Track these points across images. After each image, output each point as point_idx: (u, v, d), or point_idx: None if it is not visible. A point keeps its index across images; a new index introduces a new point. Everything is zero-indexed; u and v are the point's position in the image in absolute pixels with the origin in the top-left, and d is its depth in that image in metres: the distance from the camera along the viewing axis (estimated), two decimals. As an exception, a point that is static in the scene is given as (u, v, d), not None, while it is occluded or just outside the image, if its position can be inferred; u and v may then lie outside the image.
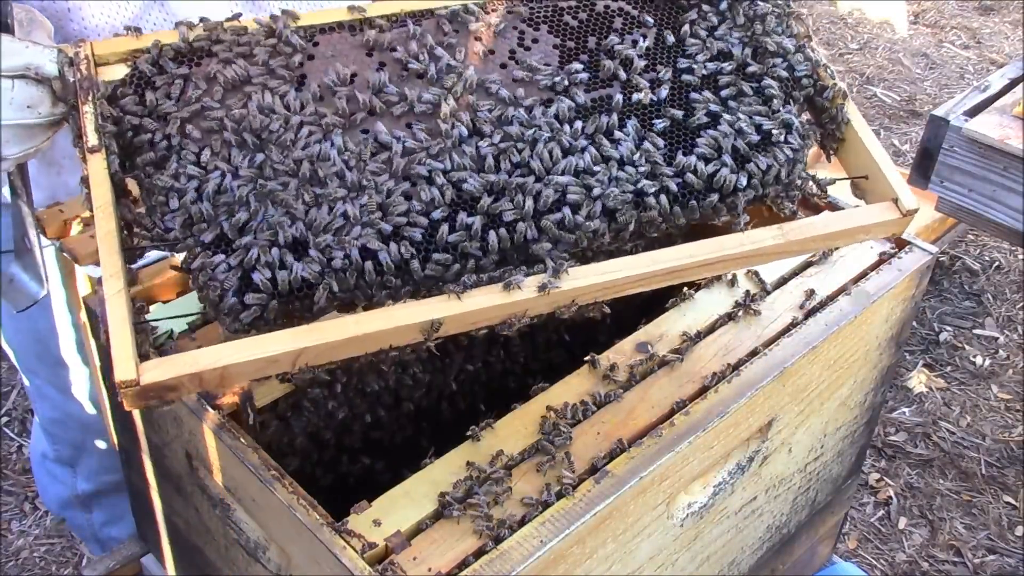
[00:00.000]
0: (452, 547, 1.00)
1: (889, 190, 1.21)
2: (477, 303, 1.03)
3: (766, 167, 1.16)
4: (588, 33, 1.23)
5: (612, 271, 1.09)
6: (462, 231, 1.04)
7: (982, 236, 3.78)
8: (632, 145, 1.14)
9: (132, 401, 0.95)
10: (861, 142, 1.25)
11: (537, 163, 1.09)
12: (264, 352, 0.96)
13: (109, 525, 2.18)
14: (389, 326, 1.00)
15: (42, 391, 1.94)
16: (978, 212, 2.50)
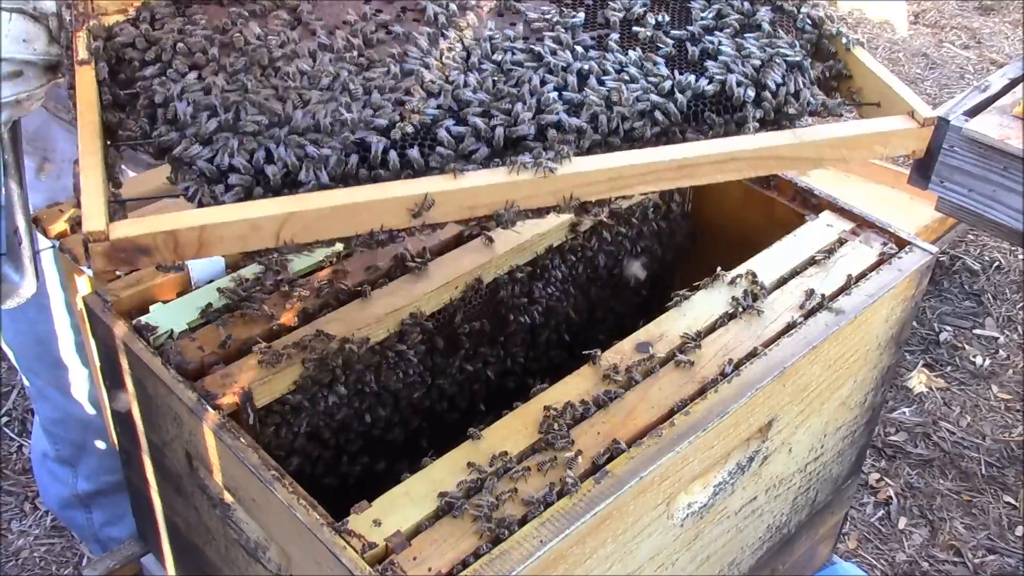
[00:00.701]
0: (452, 547, 1.00)
1: (903, 105, 1.16)
2: (473, 182, 0.99)
3: (776, 85, 1.13)
4: None
5: (617, 160, 1.04)
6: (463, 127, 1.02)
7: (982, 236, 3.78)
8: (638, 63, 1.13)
9: (100, 260, 0.90)
10: (869, 71, 1.20)
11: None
12: (246, 215, 0.91)
13: (109, 525, 2.18)
14: (381, 196, 0.95)
15: (43, 391, 1.94)
16: (978, 212, 2.50)
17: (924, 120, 1.17)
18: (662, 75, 1.12)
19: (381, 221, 0.97)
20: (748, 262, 1.41)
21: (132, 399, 1.30)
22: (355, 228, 0.96)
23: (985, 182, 2.43)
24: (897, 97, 1.19)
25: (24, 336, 1.83)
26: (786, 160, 1.13)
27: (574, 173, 1.02)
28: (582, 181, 1.03)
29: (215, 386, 1.19)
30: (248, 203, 0.93)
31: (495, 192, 1.00)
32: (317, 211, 0.94)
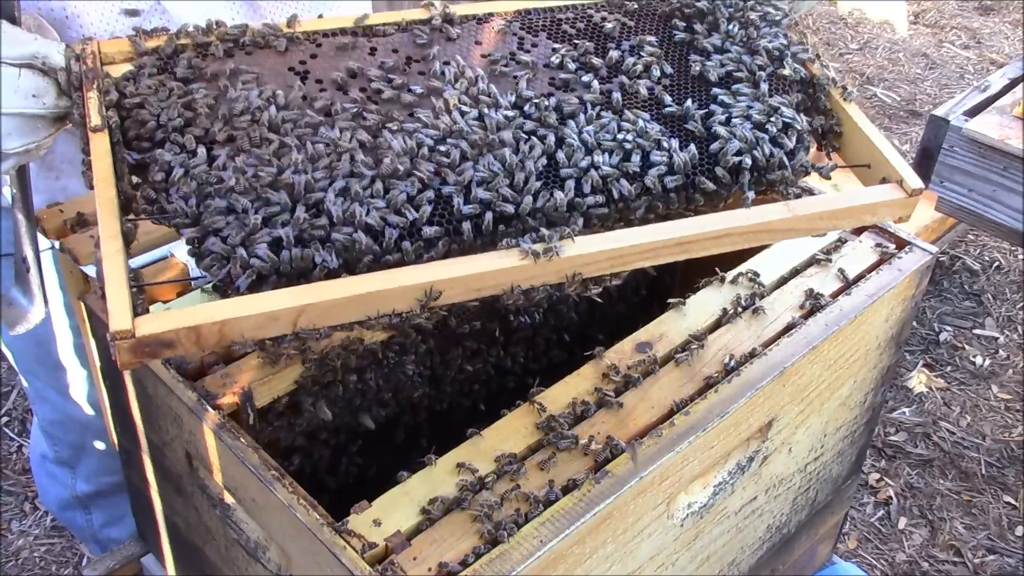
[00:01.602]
0: (452, 547, 1.00)
1: (893, 172, 1.20)
2: (479, 267, 1.02)
3: (768, 152, 1.16)
4: (586, 40, 1.25)
5: (619, 240, 1.08)
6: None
7: (982, 236, 3.78)
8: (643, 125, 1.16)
9: (126, 355, 0.92)
10: (860, 131, 1.24)
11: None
12: (264, 308, 0.94)
13: (109, 526, 2.18)
14: (390, 286, 0.99)
15: (42, 393, 1.94)
16: (978, 212, 2.50)
17: (912, 191, 1.20)
18: (667, 149, 1.15)
19: (392, 307, 1.01)
20: (748, 262, 1.41)
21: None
22: (368, 313, 1.01)
23: (985, 182, 2.44)
24: (885, 162, 1.22)
25: (24, 338, 1.83)
26: (778, 232, 1.17)
27: (577, 255, 1.06)
28: (585, 261, 1.07)
29: (215, 386, 1.19)
30: (265, 295, 0.96)
31: (501, 276, 1.04)
32: (331, 302, 0.97)
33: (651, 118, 1.18)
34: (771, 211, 1.14)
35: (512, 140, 1.11)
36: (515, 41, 1.26)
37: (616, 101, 1.18)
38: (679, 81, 1.23)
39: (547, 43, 1.26)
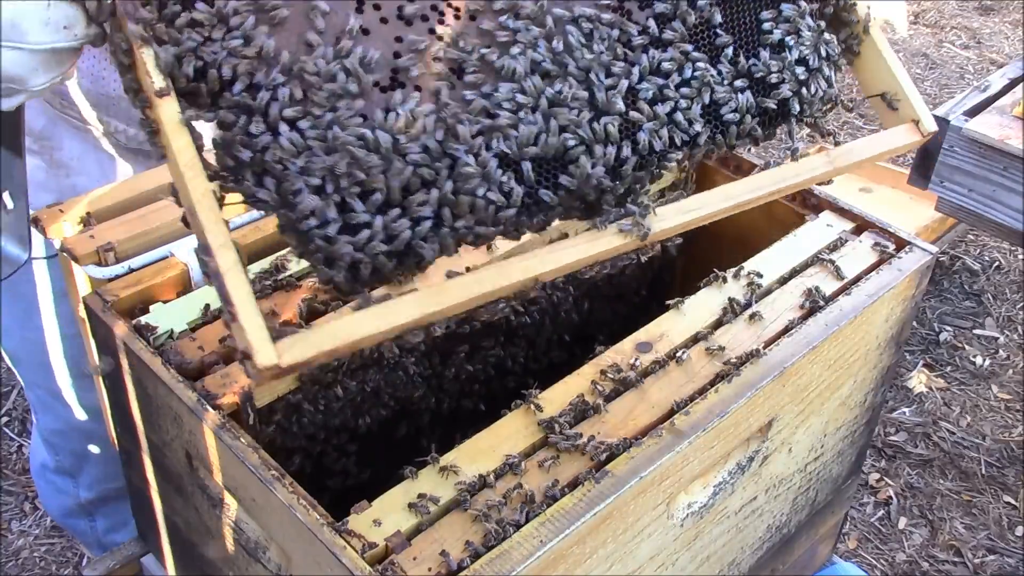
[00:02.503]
0: (452, 547, 1.00)
1: (911, 111, 1.22)
2: (579, 253, 1.00)
3: (814, 90, 1.15)
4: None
5: (695, 208, 1.06)
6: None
7: (982, 236, 3.78)
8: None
9: (262, 380, 0.86)
10: (881, 56, 1.25)
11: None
12: (396, 322, 0.89)
13: (113, 532, 2.18)
14: (505, 283, 0.95)
15: (44, 402, 1.94)
16: (978, 212, 2.50)
17: (927, 133, 1.22)
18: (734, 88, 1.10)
19: (503, 295, 0.98)
20: (748, 262, 1.41)
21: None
22: (482, 304, 0.98)
23: (985, 182, 2.43)
24: (906, 99, 1.23)
25: (31, 345, 1.83)
26: (817, 179, 1.19)
27: (661, 230, 1.03)
28: (666, 234, 1.05)
29: (215, 386, 1.19)
30: (393, 308, 0.90)
31: (592, 258, 1.01)
32: (455, 306, 0.94)
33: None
34: (816, 163, 1.16)
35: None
36: None
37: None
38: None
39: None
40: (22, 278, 1.74)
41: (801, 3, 1.18)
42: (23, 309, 1.76)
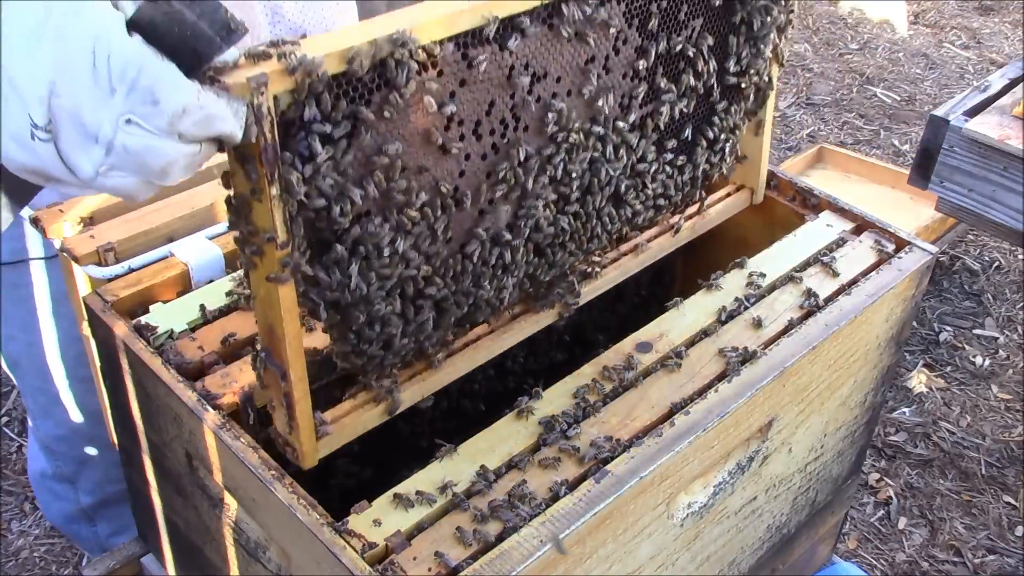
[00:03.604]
0: (452, 547, 1.00)
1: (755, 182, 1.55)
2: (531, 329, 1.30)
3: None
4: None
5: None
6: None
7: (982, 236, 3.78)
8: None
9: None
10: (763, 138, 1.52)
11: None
12: (405, 405, 1.20)
13: (116, 536, 2.17)
14: (486, 357, 1.29)
15: (44, 407, 1.93)
16: (978, 212, 2.50)
17: (756, 203, 1.59)
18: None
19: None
20: (748, 262, 1.41)
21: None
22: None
23: (985, 182, 2.43)
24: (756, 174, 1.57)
25: (32, 349, 1.82)
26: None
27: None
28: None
29: (215, 386, 1.19)
30: (397, 397, 1.20)
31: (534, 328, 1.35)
32: (449, 378, 1.27)
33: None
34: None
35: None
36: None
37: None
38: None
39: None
40: (22, 282, 1.73)
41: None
42: (24, 315, 1.76)
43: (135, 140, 0.78)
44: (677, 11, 1.26)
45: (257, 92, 0.86)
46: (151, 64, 0.76)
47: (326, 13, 1.69)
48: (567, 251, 1.28)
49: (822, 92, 4.90)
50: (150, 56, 0.77)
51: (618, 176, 1.28)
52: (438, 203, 1.08)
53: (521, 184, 1.15)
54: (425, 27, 0.98)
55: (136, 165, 0.79)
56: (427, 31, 0.98)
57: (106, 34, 0.75)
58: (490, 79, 1.08)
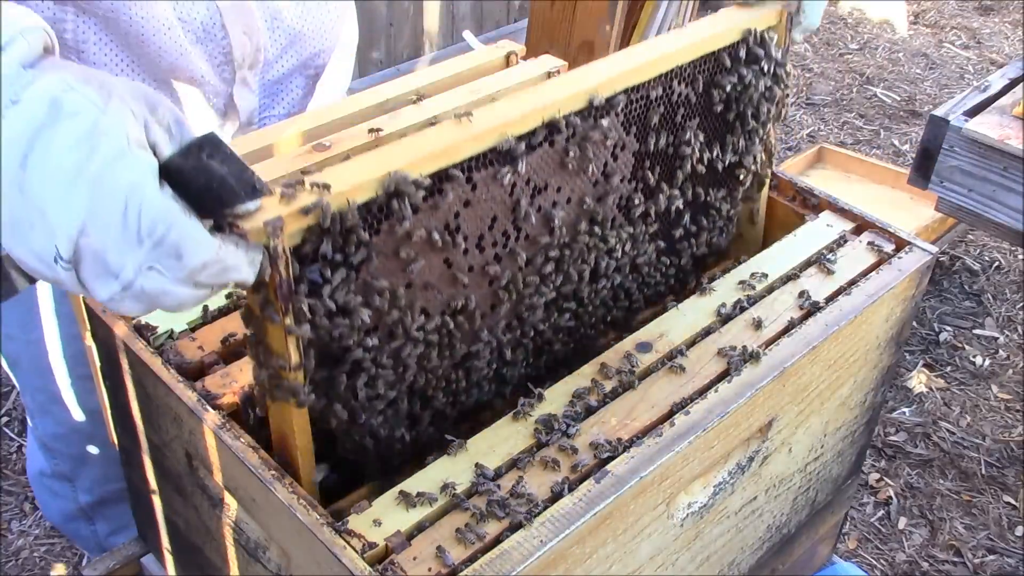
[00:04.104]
0: (453, 547, 1.00)
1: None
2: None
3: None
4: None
5: None
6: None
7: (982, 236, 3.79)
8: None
9: None
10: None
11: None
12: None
13: (115, 535, 2.17)
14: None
15: (42, 406, 1.93)
16: (978, 212, 2.50)
17: None
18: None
19: None
20: (748, 262, 1.41)
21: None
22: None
23: (985, 182, 2.44)
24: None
25: (32, 348, 1.82)
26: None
27: None
28: None
29: (215, 386, 1.19)
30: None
31: None
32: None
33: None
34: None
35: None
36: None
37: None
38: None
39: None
40: None
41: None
42: (23, 313, 1.76)
43: (153, 284, 0.82)
44: (674, 115, 1.33)
45: (273, 236, 0.92)
46: (179, 221, 0.80)
47: (325, 17, 1.69)
48: (565, 344, 1.35)
49: (822, 92, 4.90)
50: (178, 212, 0.81)
51: (616, 271, 1.34)
52: (443, 314, 1.15)
53: (521, 290, 1.22)
54: (433, 156, 1.06)
55: (149, 301, 0.84)
56: (434, 161, 1.06)
57: (140, 186, 0.78)
58: (492, 197, 1.15)
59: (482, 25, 4.76)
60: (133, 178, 0.78)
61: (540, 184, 1.20)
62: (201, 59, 1.55)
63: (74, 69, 0.82)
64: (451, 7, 4.56)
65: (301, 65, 1.70)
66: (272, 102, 1.71)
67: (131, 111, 0.81)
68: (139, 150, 0.80)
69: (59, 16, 1.46)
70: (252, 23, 1.56)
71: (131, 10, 1.45)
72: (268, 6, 1.58)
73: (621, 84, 1.24)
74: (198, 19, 1.51)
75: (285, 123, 1.50)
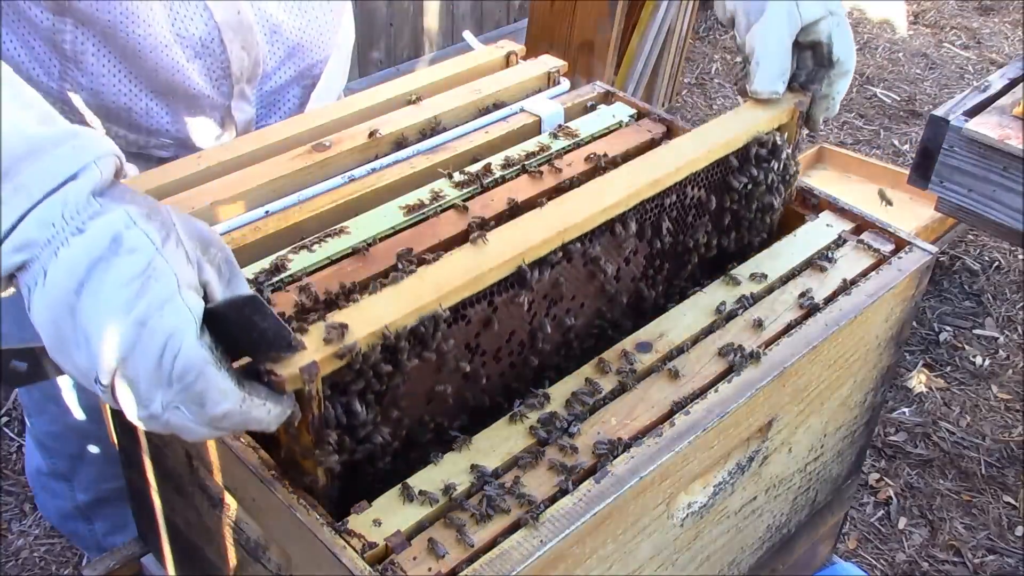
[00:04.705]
0: (453, 547, 1.00)
1: None
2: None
3: None
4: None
5: None
6: None
7: (982, 236, 3.79)
8: None
9: None
10: None
11: None
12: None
13: (113, 534, 2.17)
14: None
15: (39, 404, 1.93)
16: (978, 212, 2.50)
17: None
18: None
19: None
20: (748, 262, 1.41)
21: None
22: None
23: (985, 182, 2.44)
24: None
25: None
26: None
27: None
28: None
29: (215, 386, 1.19)
30: None
31: None
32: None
33: None
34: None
35: None
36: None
37: None
38: None
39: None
40: None
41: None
42: (21, 311, 1.75)
43: (177, 420, 0.86)
44: (686, 216, 1.40)
45: (309, 382, 0.97)
46: (208, 372, 0.85)
47: (324, 27, 1.68)
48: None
49: (822, 92, 4.90)
50: (209, 364, 0.85)
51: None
52: (453, 409, 1.21)
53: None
54: (458, 289, 1.11)
55: (174, 431, 0.89)
56: (459, 293, 1.12)
57: (180, 334, 0.83)
58: (511, 315, 1.21)
59: (482, 25, 4.76)
60: (176, 324, 0.83)
61: (556, 297, 1.26)
62: (199, 75, 1.55)
63: (139, 201, 0.87)
64: (451, 7, 4.56)
65: (299, 76, 1.70)
66: (269, 112, 1.71)
67: (185, 252, 0.86)
68: (188, 293, 0.85)
69: (58, 27, 1.46)
70: (251, 38, 1.56)
71: (128, 28, 1.45)
72: (267, 20, 1.58)
73: (638, 199, 1.30)
74: (196, 35, 1.51)
75: (285, 123, 1.51)
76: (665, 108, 4.60)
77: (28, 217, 0.82)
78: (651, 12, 4.27)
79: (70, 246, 0.83)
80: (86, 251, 0.83)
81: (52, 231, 0.83)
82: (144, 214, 0.85)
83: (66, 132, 0.85)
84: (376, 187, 1.39)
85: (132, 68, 1.51)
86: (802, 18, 1.39)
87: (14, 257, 0.84)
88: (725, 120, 1.43)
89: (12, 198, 0.82)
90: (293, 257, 1.28)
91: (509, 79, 1.63)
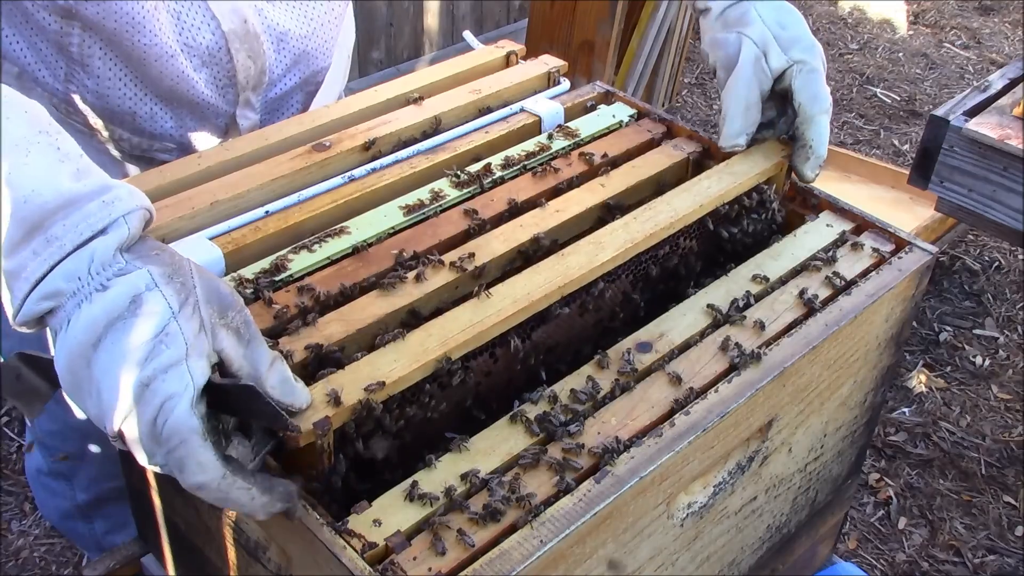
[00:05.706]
0: (453, 547, 1.00)
1: None
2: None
3: None
4: None
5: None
6: None
7: (982, 236, 3.79)
8: None
9: None
10: None
11: None
12: None
13: (113, 533, 2.17)
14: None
15: None
16: (978, 212, 2.50)
17: None
18: None
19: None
20: (748, 262, 1.41)
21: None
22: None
23: (985, 182, 2.44)
24: None
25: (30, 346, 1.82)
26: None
27: None
28: None
29: (215, 386, 1.19)
30: None
31: None
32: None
33: None
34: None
35: None
36: None
37: None
38: None
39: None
40: None
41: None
42: None
43: (175, 472, 0.91)
44: (676, 264, 1.46)
45: (322, 437, 1.01)
46: (192, 443, 0.88)
47: (329, 33, 1.69)
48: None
49: (822, 92, 4.90)
50: (196, 434, 0.88)
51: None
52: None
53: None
54: (465, 343, 1.15)
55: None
56: (465, 346, 1.15)
57: (175, 401, 0.87)
58: (509, 365, 1.26)
59: (482, 25, 4.76)
60: (175, 389, 0.87)
61: (551, 344, 1.31)
62: (204, 84, 1.55)
63: (163, 260, 0.91)
64: (451, 7, 4.56)
65: (303, 82, 1.71)
66: (272, 118, 1.71)
67: (201, 319, 0.90)
68: (195, 361, 0.88)
69: (65, 30, 1.46)
70: (257, 47, 1.56)
71: (134, 35, 1.45)
72: (274, 29, 1.58)
73: (634, 252, 1.34)
74: (203, 44, 1.51)
75: (284, 123, 1.51)
76: (665, 108, 4.59)
77: (57, 268, 0.86)
78: (651, 12, 4.28)
79: (92, 303, 0.87)
80: (105, 311, 0.87)
81: (78, 284, 0.87)
82: (166, 275, 0.89)
83: (98, 187, 0.89)
84: (376, 187, 1.40)
85: (137, 74, 1.52)
86: (771, 70, 1.44)
87: (43, 304, 0.88)
88: (719, 174, 1.46)
89: (44, 249, 0.86)
90: (293, 257, 1.28)
91: (509, 79, 1.63)
